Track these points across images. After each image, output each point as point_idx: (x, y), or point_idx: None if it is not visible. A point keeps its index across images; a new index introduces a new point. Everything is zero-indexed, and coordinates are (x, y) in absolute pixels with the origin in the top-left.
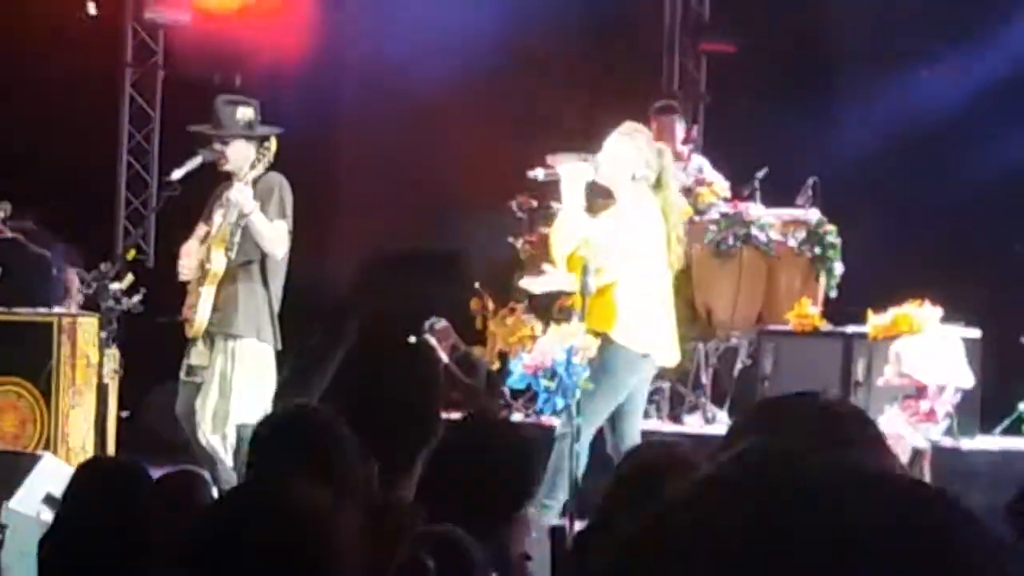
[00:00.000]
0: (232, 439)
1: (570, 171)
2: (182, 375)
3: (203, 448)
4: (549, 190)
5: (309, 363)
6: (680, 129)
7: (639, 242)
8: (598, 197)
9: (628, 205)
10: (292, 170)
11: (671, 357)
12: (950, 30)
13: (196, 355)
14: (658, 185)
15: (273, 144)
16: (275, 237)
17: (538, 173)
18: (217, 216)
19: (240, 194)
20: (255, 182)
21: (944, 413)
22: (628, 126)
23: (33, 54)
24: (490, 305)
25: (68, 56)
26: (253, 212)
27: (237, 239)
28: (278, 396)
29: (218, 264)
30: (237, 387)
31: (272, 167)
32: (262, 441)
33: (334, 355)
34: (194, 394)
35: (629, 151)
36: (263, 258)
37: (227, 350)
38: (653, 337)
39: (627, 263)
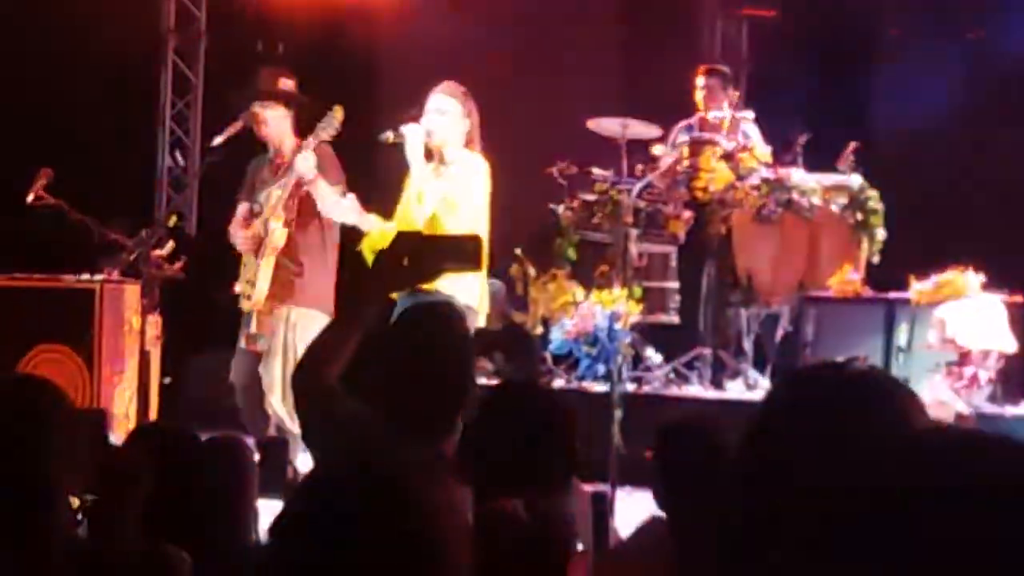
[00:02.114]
0: None
1: (411, 132)
2: (240, 343)
3: (262, 416)
4: (589, 155)
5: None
6: (727, 94)
7: (480, 202)
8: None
9: (461, 163)
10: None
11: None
12: None
13: (256, 324)
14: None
15: (339, 114)
16: (339, 203)
17: (388, 135)
18: (275, 188)
19: (304, 161)
20: (297, 151)
21: (987, 379)
22: (452, 85)
23: (75, 21)
24: (531, 271)
25: (110, 23)
26: (317, 179)
27: (294, 209)
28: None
29: (278, 237)
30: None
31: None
32: None
33: (356, 334)
34: (254, 363)
35: (461, 111)
36: (323, 228)
37: (290, 320)
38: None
39: (475, 222)
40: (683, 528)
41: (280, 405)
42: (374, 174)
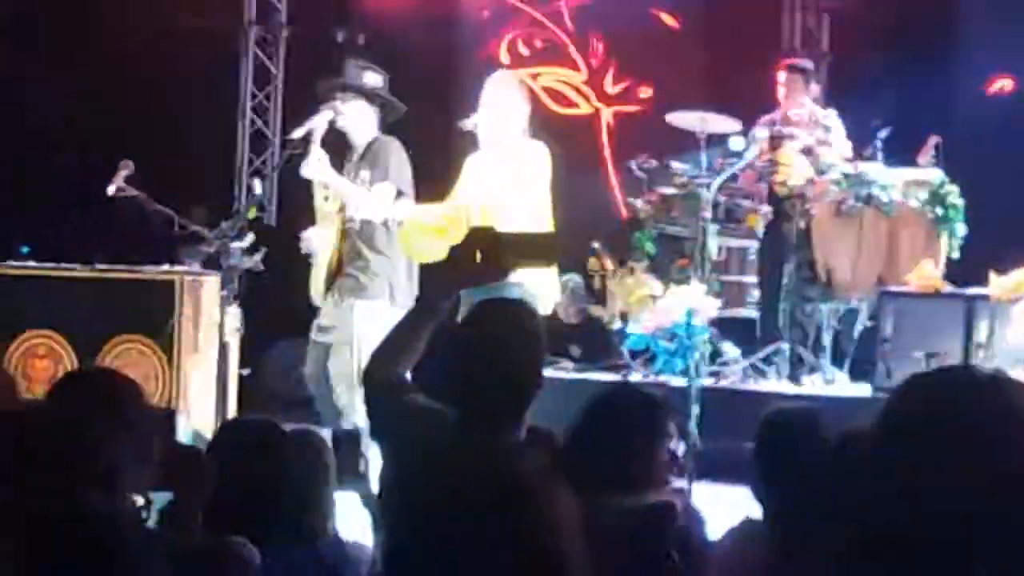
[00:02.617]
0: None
1: (480, 120)
2: (312, 335)
3: (333, 407)
4: (667, 149)
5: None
6: (810, 88)
7: (542, 181)
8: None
9: (524, 148)
10: (412, 131)
11: None
12: None
13: (326, 316)
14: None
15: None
16: (362, 203)
17: (466, 123)
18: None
19: (310, 168)
20: (369, 145)
21: None
22: (508, 75)
23: (157, 12)
24: (609, 265)
25: (192, 14)
26: (331, 182)
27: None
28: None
29: (335, 233)
30: (367, 347)
31: (391, 131)
32: None
33: (426, 331)
34: (324, 355)
35: (520, 99)
36: (386, 221)
37: (355, 312)
38: None
39: (536, 208)
40: (784, 520)
41: (347, 396)
42: (453, 163)
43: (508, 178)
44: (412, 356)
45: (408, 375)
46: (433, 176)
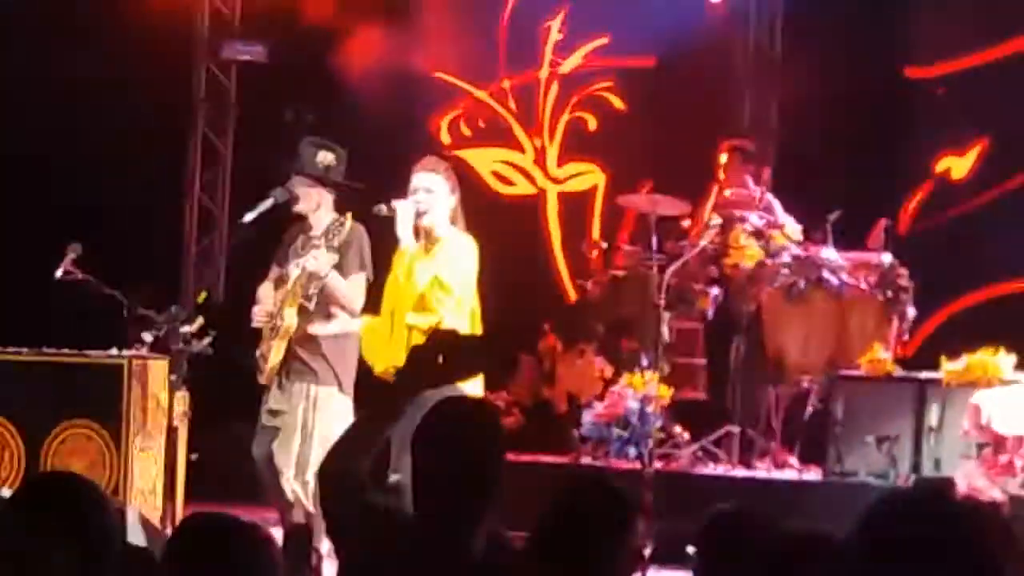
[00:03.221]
0: (313, 485)
1: (403, 208)
2: (261, 420)
3: (282, 493)
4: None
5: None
6: (750, 168)
7: (468, 280)
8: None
9: (451, 242)
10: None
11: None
12: None
13: (275, 400)
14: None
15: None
16: (352, 296)
17: (381, 208)
18: (292, 268)
19: (316, 261)
20: (329, 228)
21: (1022, 466)
22: (434, 161)
23: (105, 90)
24: (559, 347)
25: (139, 92)
26: (328, 276)
27: (314, 294)
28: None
29: (289, 320)
30: (319, 434)
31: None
32: None
33: (387, 428)
34: (272, 438)
35: (448, 187)
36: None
37: (308, 396)
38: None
39: (461, 298)
40: None
41: (296, 482)
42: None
43: (441, 272)
44: (369, 455)
45: (366, 474)
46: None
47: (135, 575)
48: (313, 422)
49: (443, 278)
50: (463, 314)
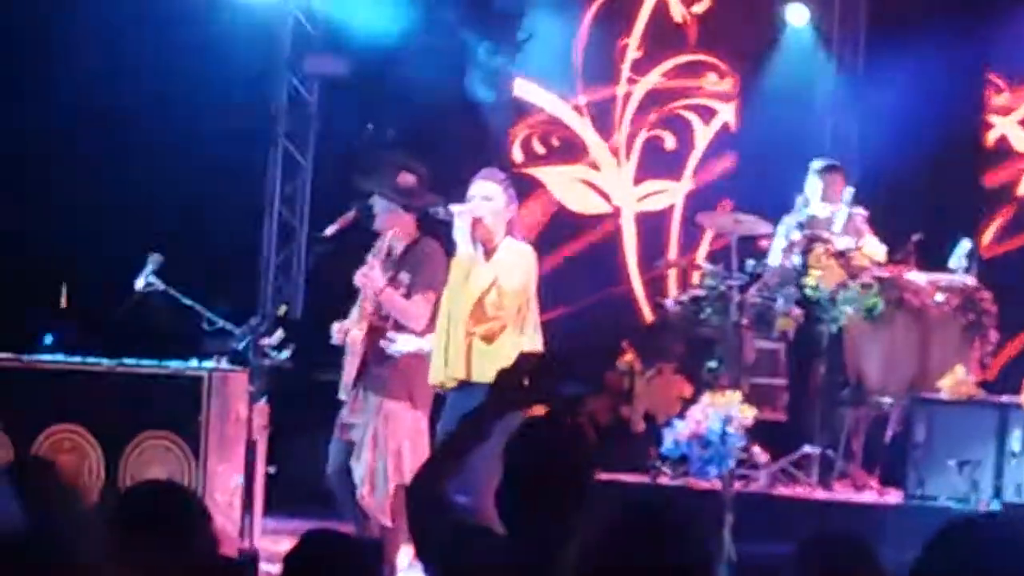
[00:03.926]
0: (385, 498)
1: (461, 213)
2: (336, 433)
3: (354, 505)
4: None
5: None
6: (839, 190)
7: (525, 288)
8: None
9: (509, 251)
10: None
11: None
12: None
13: (349, 413)
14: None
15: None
16: (412, 314)
17: (438, 211)
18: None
19: (366, 278)
20: (409, 248)
21: None
22: (493, 172)
23: (187, 103)
24: (637, 365)
25: (221, 106)
26: (382, 293)
27: (387, 311)
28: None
29: (356, 338)
30: (391, 448)
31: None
32: None
33: (474, 448)
34: (347, 452)
35: (506, 198)
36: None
37: (380, 411)
38: None
39: (518, 307)
40: None
41: (370, 498)
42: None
43: (500, 278)
44: (455, 476)
45: (453, 494)
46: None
47: None
48: (384, 436)
49: (501, 284)
50: (523, 324)
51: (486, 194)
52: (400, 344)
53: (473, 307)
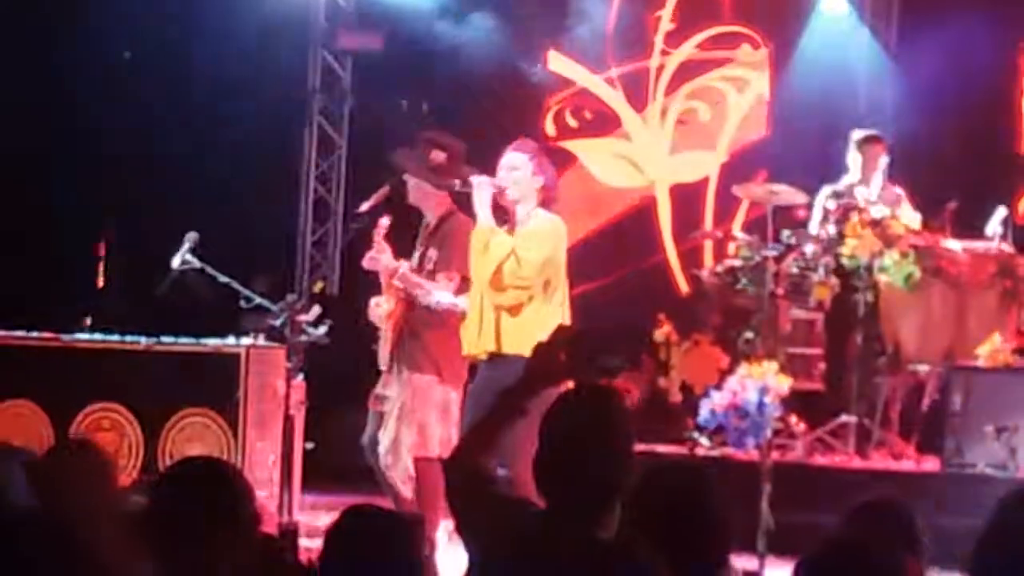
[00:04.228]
0: (411, 470)
1: (480, 184)
2: (371, 404)
3: (385, 477)
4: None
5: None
6: (880, 161)
7: (555, 255)
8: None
9: (538, 220)
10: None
11: None
12: None
13: (383, 385)
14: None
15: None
16: (424, 292)
17: (454, 183)
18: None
19: (373, 261)
20: (440, 222)
21: None
22: (522, 142)
23: (220, 79)
24: (673, 336)
25: (256, 83)
26: (397, 275)
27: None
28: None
29: (385, 311)
30: (415, 419)
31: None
32: None
33: (509, 425)
34: (380, 423)
35: (532, 168)
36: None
37: (410, 383)
38: None
39: (544, 277)
40: None
41: (394, 469)
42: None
43: (520, 247)
44: (494, 450)
45: (491, 467)
46: None
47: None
48: (411, 409)
49: (520, 254)
50: (551, 295)
51: (512, 164)
52: (436, 295)
53: (491, 276)
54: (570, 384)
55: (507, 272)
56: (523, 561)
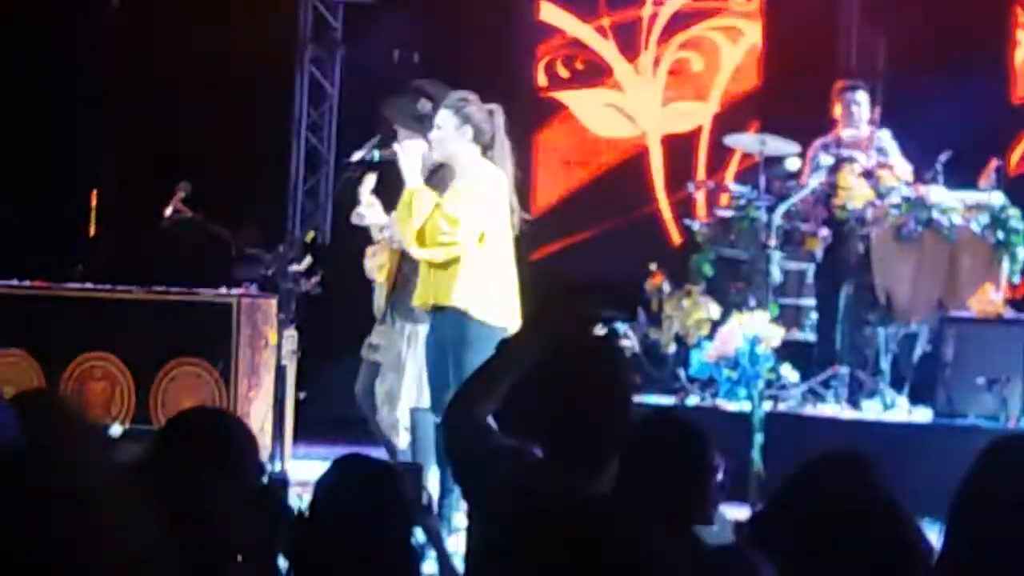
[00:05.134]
0: (405, 421)
1: (408, 148)
2: (363, 352)
3: (380, 428)
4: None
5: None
6: (864, 109)
7: (487, 209)
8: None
9: (469, 174)
10: None
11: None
12: None
13: (376, 334)
14: (491, 147)
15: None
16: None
17: (374, 154)
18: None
19: (360, 217)
20: (431, 173)
21: None
22: (454, 97)
23: (211, 32)
24: (666, 287)
25: (246, 33)
26: (386, 227)
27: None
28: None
29: (382, 256)
30: (411, 370)
31: None
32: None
33: (505, 378)
34: (373, 373)
35: (455, 122)
36: None
37: (405, 333)
38: (507, 309)
39: (476, 232)
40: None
41: (391, 418)
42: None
43: (444, 202)
44: (492, 403)
45: (490, 419)
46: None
47: (272, 509)
48: (405, 358)
49: (445, 209)
50: (488, 249)
51: (436, 124)
52: (369, 218)
53: (416, 235)
54: (569, 335)
55: (431, 229)
56: (521, 510)
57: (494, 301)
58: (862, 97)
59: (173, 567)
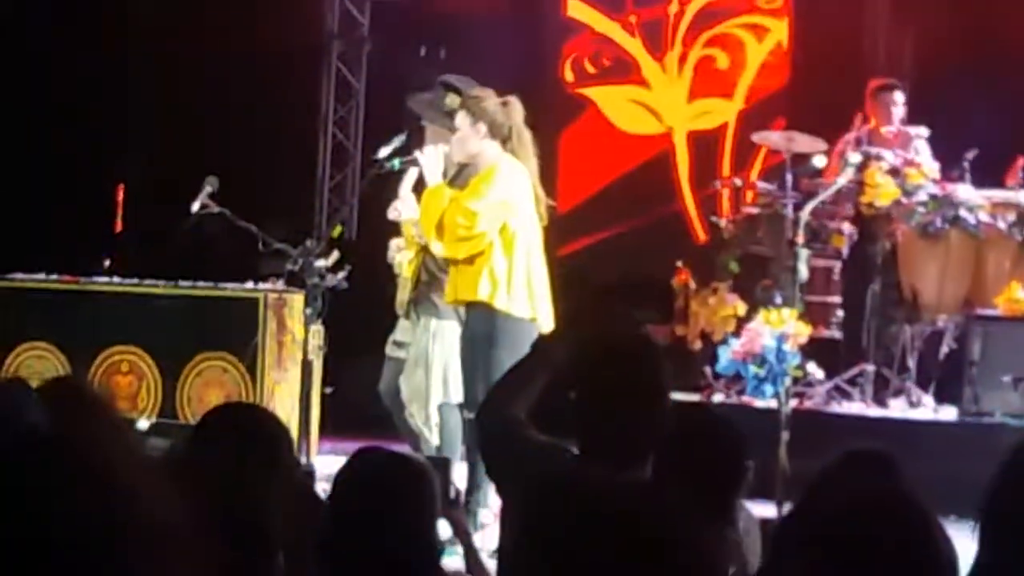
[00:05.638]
0: (435, 418)
1: (428, 153)
2: (387, 350)
3: (407, 425)
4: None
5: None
6: (901, 108)
7: (507, 201)
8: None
9: (487, 168)
10: None
11: (550, 320)
12: None
13: (401, 331)
14: (509, 139)
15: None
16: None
17: (395, 163)
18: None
19: (397, 212)
20: (460, 169)
21: None
22: (467, 96)
23: (239, 28)
24: (692, 284)
25: (273, 29)
26: (417, 223)
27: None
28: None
29: (409, 252)
30: (438, 366)
31: None
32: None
33: (540, 376)
34: (398, 370)
35: (469, 121)
36: None
37: (429, 329)
38: (534, 300)
39: (496, 224)
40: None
41: (420, 415)
42: None
43: (461, 195)
44: (526, 401)
45: (523, 415)
46: None
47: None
48: (432, 354)
49: (464, 202)
50: (513, 242)
51: (456, 124)
52: (405, 213)
53: (435, 230)
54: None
55: (450, 223)
56: (558, 507)
57: (518, 292)
58: (900, 97)
59: (212, 558)
